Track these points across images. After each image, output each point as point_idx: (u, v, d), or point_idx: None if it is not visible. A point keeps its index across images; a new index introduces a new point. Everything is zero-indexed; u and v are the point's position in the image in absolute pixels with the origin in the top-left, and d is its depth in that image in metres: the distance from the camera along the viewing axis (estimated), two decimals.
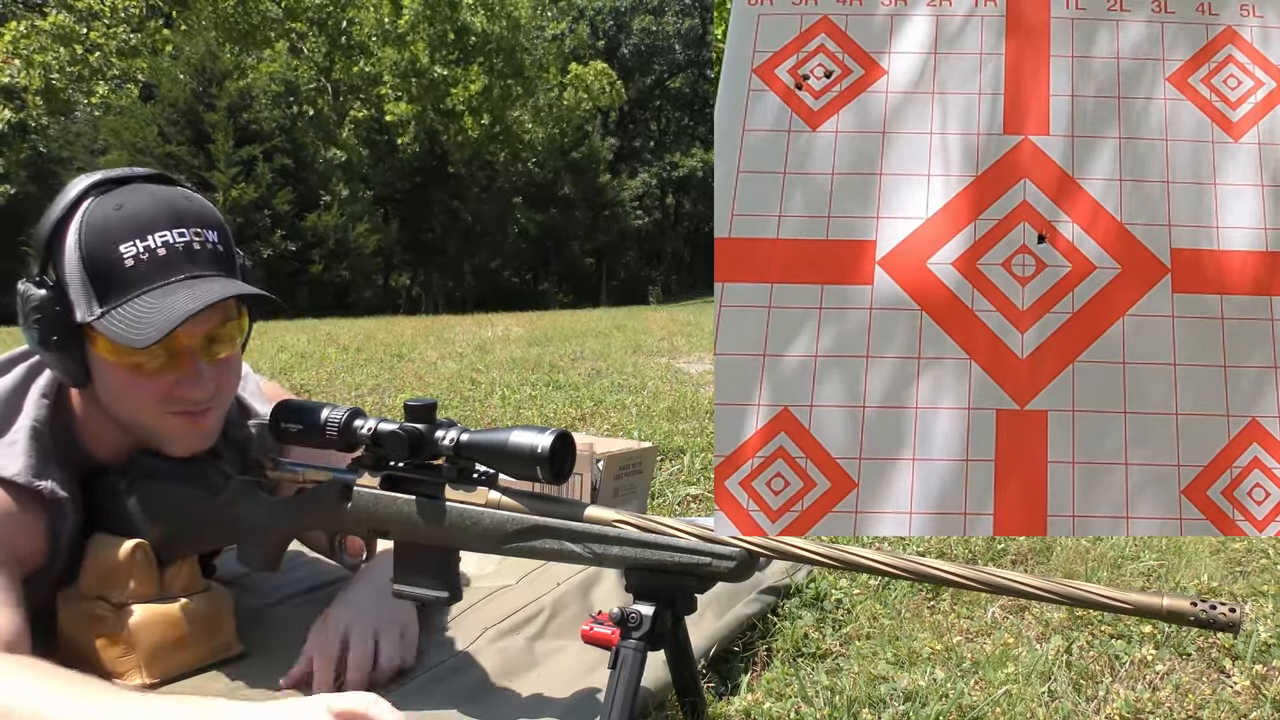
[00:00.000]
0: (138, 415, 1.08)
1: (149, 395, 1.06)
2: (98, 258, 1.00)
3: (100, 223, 1.01)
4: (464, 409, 3.57)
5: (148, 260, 1.01)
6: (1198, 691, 1.27)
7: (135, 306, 1.00)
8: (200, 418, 1.10)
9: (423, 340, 6.56)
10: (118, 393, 1.07)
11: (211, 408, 1.11)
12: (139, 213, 1.02)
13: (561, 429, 0.97)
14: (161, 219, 1.02)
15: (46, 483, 1.05)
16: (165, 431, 1.10)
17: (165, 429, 1.09)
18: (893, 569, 0.89)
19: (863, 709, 1.19)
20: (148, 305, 0.99)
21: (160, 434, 1.10)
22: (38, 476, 1.05)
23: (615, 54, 31.68)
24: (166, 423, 1.09)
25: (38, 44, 16.69)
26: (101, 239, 1.00)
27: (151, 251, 1.01)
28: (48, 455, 1.07)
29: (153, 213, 1.02)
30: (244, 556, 1.16)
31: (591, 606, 1.39)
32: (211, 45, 14.93)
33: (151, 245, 1.01)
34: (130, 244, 1.00)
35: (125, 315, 0.99)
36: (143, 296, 1.00)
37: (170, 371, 1.05)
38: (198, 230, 1.04)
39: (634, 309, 13.98)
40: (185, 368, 1.06)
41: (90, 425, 1.13)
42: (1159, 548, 1.88)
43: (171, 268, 1.01)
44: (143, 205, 1.03)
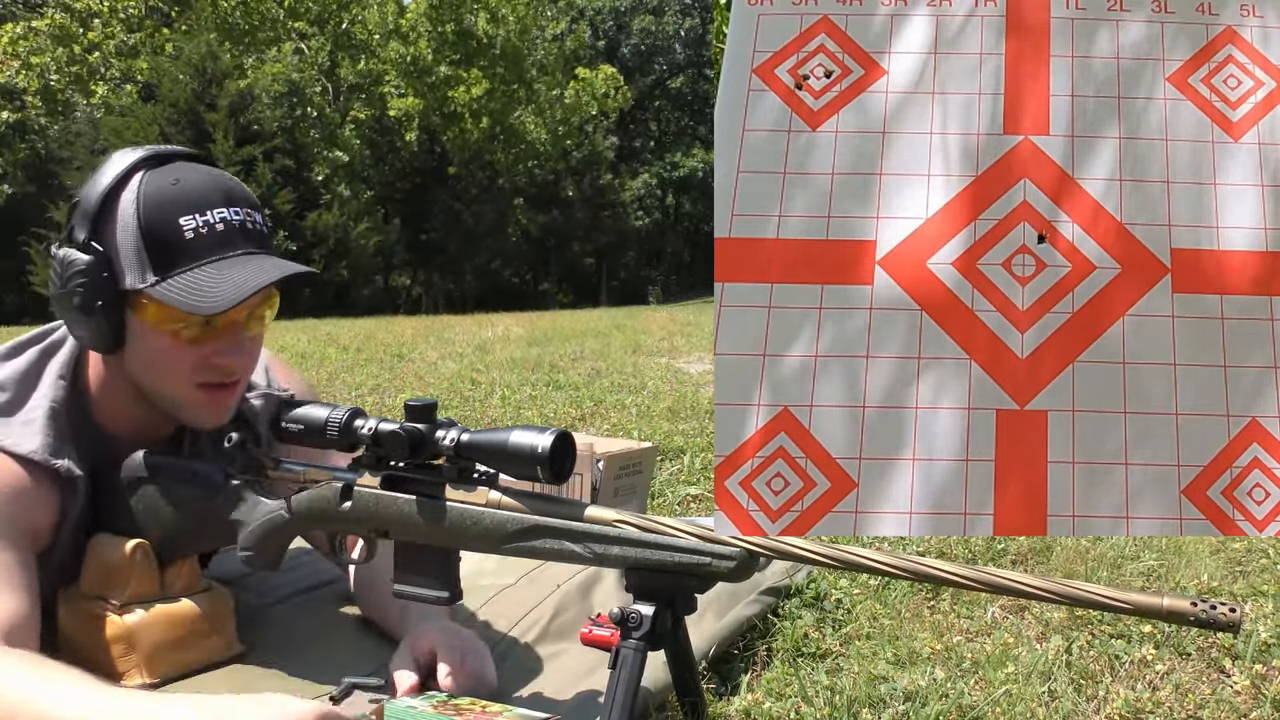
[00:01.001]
0: (167, 385, 1.11)
1: (185, 363, 1.09)
2: (157, 228, 1.04)
3: (159, 195, 1.05)
4: (464, 409, 3.57)
5: (207, 234, 1.05)
6: (1198, 691, 1.27)
7: (196, 276, 1.04)
8: (225, 392, 1.13)
9: (423, 340, 6.56)
10: (153, 361, 1.09)
11: (237, 381, 1.14)
12: (196, 189, 1.07)
13: (561, 429, 0.97)
14: (217, 197, 1.07)
15: (63, 461, 1.08)
16: (190, 403, 1.12)
17: (191, 400, 1.12)
18: (893, 569, 0.89)
19: (863, 709, 1.19)
20: (209, 276, 1.04)
21: (184, 405, 1.12)
22: (54, 455, 1.07)
23: (615, 54, 31.68)
24: (193, 395, 1.11)
25: (35, 45, 16.68)
26: (161, 211, 1.05)
27: (210, 226, 1.06)
28: (64, 435, 1.09)
29: (208, 190, 1.07)
30: (244, 556, 1.16)
31: (591, 608, 1.39)
32: (212, 45, 14.93)
33: (210, 220, 1.06)
34: (190, 217, 1.05)
35: (185, 283, 1.04)
36: (203, 267, 1.05)
37: (210, 341, 1.09)
38: (249, 211, 1.10)
39: (634, 309, 13.99)
40: (226, 338, 1.09)
41: (107, 402, 1.15)
42: (1159, 548, 1.88)
43: (228, 244, 1.06)
44: (198, 182, 1.07)
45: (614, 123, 28.50)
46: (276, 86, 17.32)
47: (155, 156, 1.09)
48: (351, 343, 6.14)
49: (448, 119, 21.36)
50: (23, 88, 16.59)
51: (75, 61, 16.89)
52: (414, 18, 21.04)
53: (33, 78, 16.57)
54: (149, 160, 1.08)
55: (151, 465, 1.15)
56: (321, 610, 1.36)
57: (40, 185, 15.74)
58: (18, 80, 16.56)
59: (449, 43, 21.45)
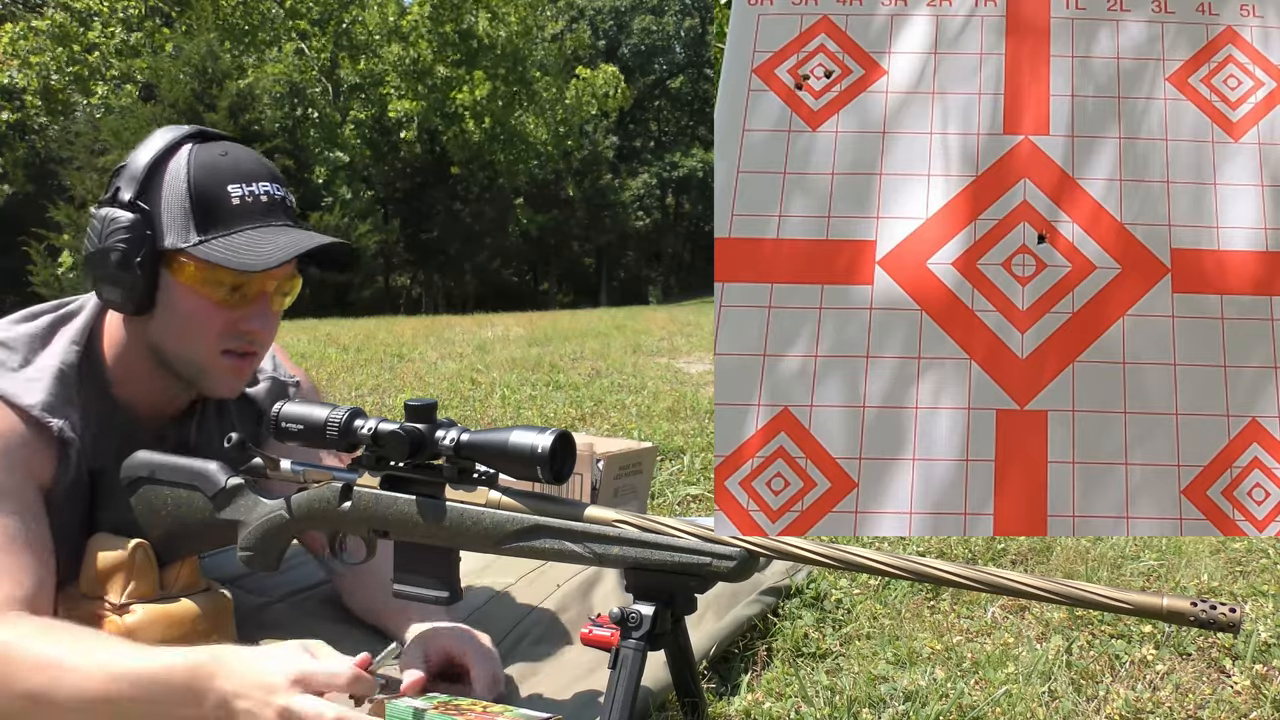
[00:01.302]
0: (193, 348, 1.14)
1: (215, 326, 1.12)
2: (205, 191, 1.10)
3: (210, 163, 1.11)
4: (464, 409, 3.57)
5: (251, 203, 1.11)
6: (1198, 691, 1.27)
7: (239, 238, 1.09)
8: (245, 361, 1.17)
9: (423, 340, 6.56)
10: (184, 321, 1.12)
11: (257, 351, 1.18)
12: (243, 161, 1.14)
13: (561, 429, 0.97)
14: (262, 171, 1.14)
15: (59, 420, 1.09)
16: (212, 368, 1.15)
17: (214, 366, 1.15)
18: (893, 569, 0.89)
19: (863, 709, 1.19)
20: (250, 238, 1.10)
21: (207, 370, 1.15)
22: (51, 413, 1.08)
23: (615, 54, 31.67)
24: (217, 361, 1.14)
25: (35, 45, 16.68)
26: (211, 177, 1.11)
27: (255, 196, 1.12)
28: (69, 399, 1.11)
29: (253, 165, 1.14)
30: (244, 556, 1.16)
31: (591, 608, 1.39)
32: (212, 45, 14.91)
33: (255, 191, 1.12)
34: (237, 186, 1.11)
35: (229, 244, 1.09)
36: (246, 232, 1.10)
37: (241, 307, 1.13)
38: (287, 190, 1.17)
39: (634, 309, 13.98)
40: (255, 305, 1.14)
41: (122, 370, 1.17)
42: (1159, 548, 1.88)
43: (270, 214, 1.13)
44: (245, 157, 1.14)
45: (614, 123, 28.49)
46: (277, 87, 17.31)
47: (203, 133, 1.15)
48: (351, 343, 6.13)
49: (448, 119, 21.36)
50: (22, 87, 16.59)
51: (75, 61, 16.89)
52: (415, 18, 21.02)
53: (33, 77, 16.56)
54: (197, 135, 1.14)
55: (151, 465, 1.15)
56: (321, 610, 1.36)
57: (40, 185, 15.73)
58: (18, 80, 16.55)
59: (450, 43, 21.45)
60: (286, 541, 1.15)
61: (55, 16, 16.97)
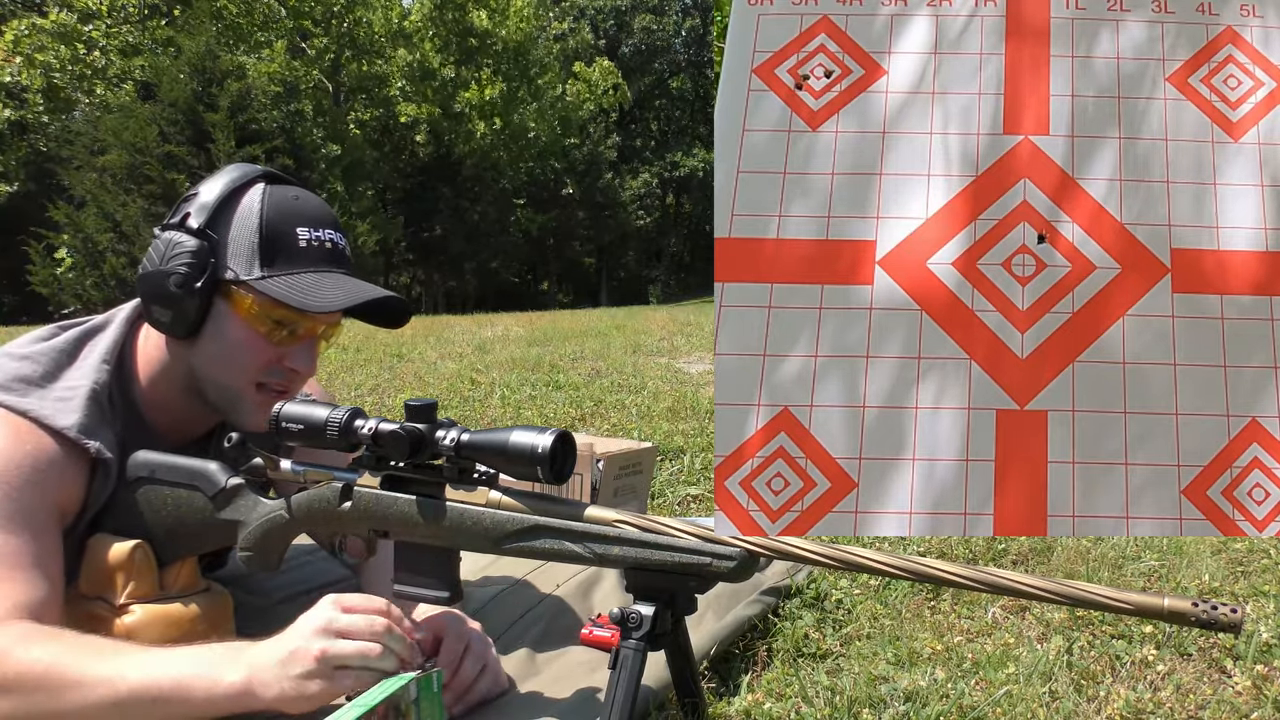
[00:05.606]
0: (232, 378, 1.16)
1: (260, 360, 1.15)
2: (274, 229, 1.14)
3: (282, 203, 1.15)
4: (464, 409, 3.57)
5: (317, 248, 1.16)
6: (1199, 692, 1.27)
7: (299, 279, 1.13)
8: (276, 397, 1.17)
9: (423, 340, 6.56)
10: (230, 350, 1.14)
11: (290, 389, 1.19)
12: (313, 208, 1.18)
13: (561, 429, 0.97)
14: (327, 220, 1.19)
15: (95, 442, 1.10)
16: (247, 400, 1.17)
17: (248, 397, 1.17)
18: (893, 569, 0.89)
19: (863, 709, 1.19)
20: (315, 281, 1.14)
21: (239, 401, 1.17)
22: (88, 435, 1.09)
23: (616, 53, 31.66)
24: (252, 394, 1.17)
25: (38, 43, 16.67)
26: (282, 216, 1.15)
27: (320, 242, 1.16)
28: (103, 418, 1.12)
29: (321, 213, 1.18)
30: (244, 556, 1.16)
31: (591, 608, 1.39)
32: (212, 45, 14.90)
33: (321, 237, 1.17)
34: (306, 229, 1.15)
35: (292, 283, 1.13)
36: (309, 274, 1.14)
37: (289, 344, 1.16)
38: (347, 242, 1.22)
39: (634, 309, 13.97)
40: (302, 345, 1.18)
41: (152, 392, 1.18)
42: (1160, 548, 1.88)
43: (333, 261, 1.17)
44: (314, 204, 1.19)
45: (614, 122, 28.49)
46: (273, 86, 17.28)
47: (272, 175, 1.19)
48: (351, 343, 6.13)
49: (454, 119, 21.35)
50: (25, 85, 16.58)
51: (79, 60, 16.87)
52: (418, 20, 21.01)
53: (36, 75, 16.55)
54: (270, 176, 1.18)
55: (152, 465, 1.15)
56: None
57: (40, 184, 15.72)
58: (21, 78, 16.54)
59: (453, 44, 21.44)
60: (287, 542, 1.15)
61: (58, 15, 16.96)
